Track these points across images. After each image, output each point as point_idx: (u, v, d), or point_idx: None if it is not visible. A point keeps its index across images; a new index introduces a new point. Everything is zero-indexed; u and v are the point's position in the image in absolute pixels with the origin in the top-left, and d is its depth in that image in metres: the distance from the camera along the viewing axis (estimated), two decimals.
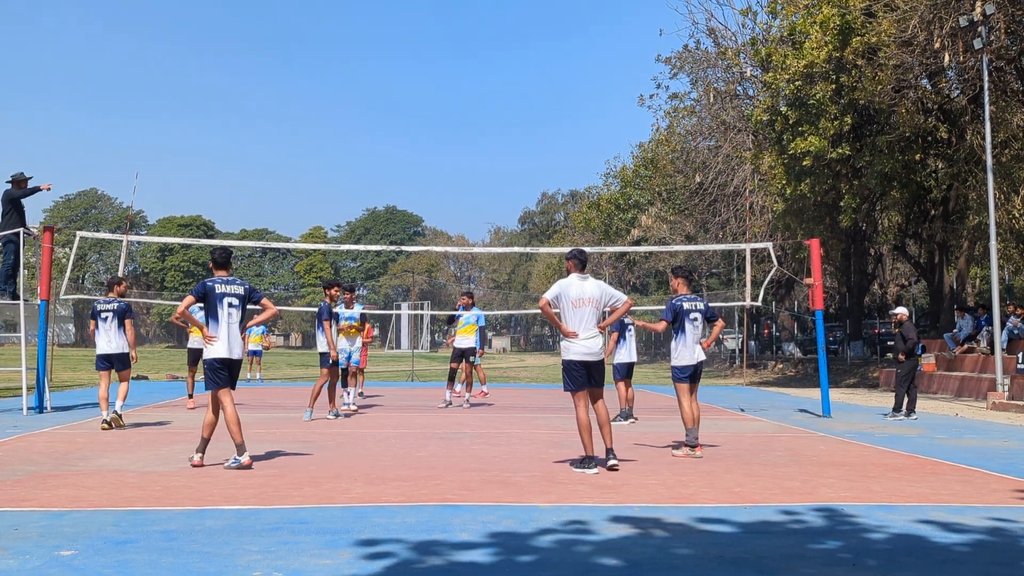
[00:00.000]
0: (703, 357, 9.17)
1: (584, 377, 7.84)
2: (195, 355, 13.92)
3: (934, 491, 7.01)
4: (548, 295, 7.93)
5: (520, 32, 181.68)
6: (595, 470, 7.65)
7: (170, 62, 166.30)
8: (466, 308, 15.22)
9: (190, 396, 14.36)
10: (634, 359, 12.81)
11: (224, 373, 7.74)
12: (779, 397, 20.32)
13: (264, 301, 8.07)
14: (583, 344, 7.81)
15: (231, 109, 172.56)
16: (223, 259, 8.06)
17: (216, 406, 7.81)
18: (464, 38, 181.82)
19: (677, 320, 9.09)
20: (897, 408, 13.67)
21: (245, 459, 7.60)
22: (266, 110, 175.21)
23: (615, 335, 12.71)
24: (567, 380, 7.91)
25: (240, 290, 7.84)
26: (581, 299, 7.84)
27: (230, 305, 7.73)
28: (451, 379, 15.42)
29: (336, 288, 13.16)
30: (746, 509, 6.12)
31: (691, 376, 9.11)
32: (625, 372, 12.68)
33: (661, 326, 9.24)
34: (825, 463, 8.61)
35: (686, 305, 9.13)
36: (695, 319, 9.12)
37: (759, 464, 8.46)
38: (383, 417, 13.22)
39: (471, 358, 15.18)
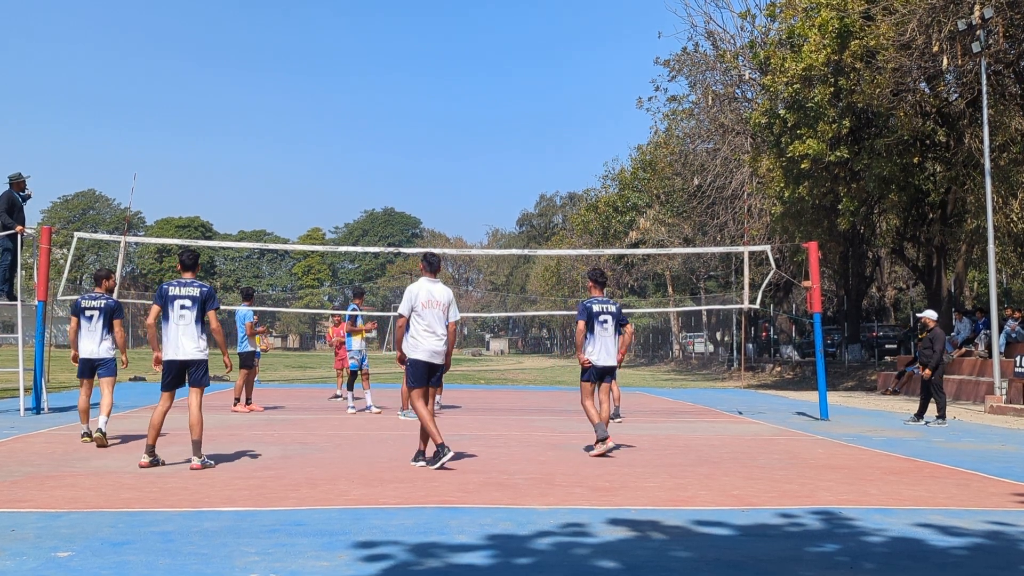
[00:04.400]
0: (613, 362, 9.35)
1: (426, 376, 8.16)
2: (243, 359, 14.23)
3: (932, 494, 7.02)
4: (402, 309, 8.20)
5: (519, 37, 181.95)
6: (450, 454, 7.89)
7: (170, 67, 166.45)
8: None
9: (248, 400, 14.34)
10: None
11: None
12: (777, 400, 20.32)
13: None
14: (432, 346, 8.09)
15: (230, 112, 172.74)
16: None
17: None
18: (464, 45, 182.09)
19: (588, 322, 9.28)
20: (941, 414, 13.56)
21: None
22: (265, 112, 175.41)
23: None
24: (410, 377, 8.18)
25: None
26: (431, 301, 8.13)
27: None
28: None
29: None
30: (744, 512, 6.12)
31: (599, 376, 9.33)
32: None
33: (580, 326, 9.41)
34: (823, 466, 8.61)
35: (595, 308, 9.30)
36: (604, 321, 9.29)
37: (757, 467, 8.46)
38: (381, 419, 13.21)
39: None
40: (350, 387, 14.53)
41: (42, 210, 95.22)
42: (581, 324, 9.28)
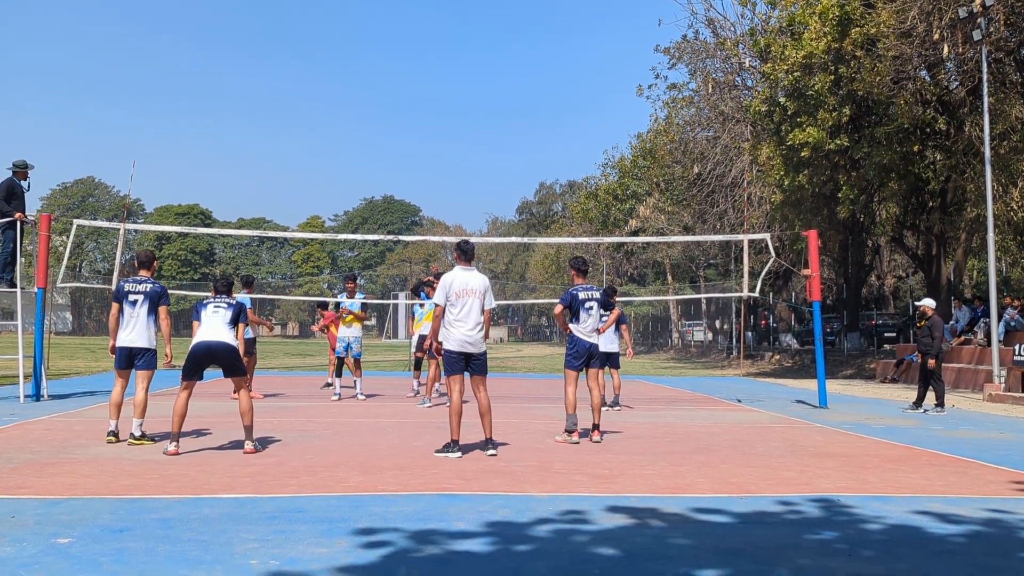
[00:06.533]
0: (597, 342, 9.50)
1: (462, 364, 8.12)
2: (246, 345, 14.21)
3: (930, 482, 7.03)
4: (437, 299, 8.21)
5: (519, 25, 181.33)
6: (458, 454, 7.92)
7: (170, 52, 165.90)
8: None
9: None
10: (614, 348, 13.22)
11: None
12: (776, 388, 20.35)
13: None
14: (463, 334, 8.08)
15: (229, 99, 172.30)
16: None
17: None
18: (463, 32, 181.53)
19: (572, 308, 9.37)
20: (940, 402, 13.59)
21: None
22: (264, 100, 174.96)
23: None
24: (444, 365, 8.23)
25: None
26: (465, 290, 8.12)
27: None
28: (418, 367, 15.18)
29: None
30: (743, 499, 6.14)
31: (586, 362, 9.41)
32: (604, 360, 12.75)
33: (558, 310, 9.52)
34: (821, 454, 8.63)
35: (581, 295, 9.40)
36: (590, 308, 9.39)
37: (756, 454, 8.48)
38: (380, 406, 13.23)
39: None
40: (337, 374, 14.57)
41: (41, 197, 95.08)
42: (559, 308, 9.46)
